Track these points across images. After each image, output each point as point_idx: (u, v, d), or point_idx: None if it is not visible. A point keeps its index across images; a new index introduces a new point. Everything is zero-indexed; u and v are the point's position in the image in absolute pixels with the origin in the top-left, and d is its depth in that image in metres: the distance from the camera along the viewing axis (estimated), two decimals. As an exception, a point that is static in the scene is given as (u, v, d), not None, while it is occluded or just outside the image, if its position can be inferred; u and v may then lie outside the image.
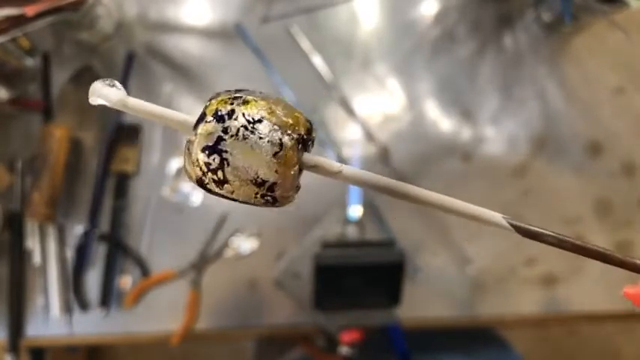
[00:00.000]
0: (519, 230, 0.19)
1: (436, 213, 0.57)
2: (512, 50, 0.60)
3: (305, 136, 0.19)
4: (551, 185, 0.59)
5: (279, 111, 0.18)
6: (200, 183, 0.19)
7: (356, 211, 0.55)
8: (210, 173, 0.18)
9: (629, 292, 0.18)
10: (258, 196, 0.19)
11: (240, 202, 0.19)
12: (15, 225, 0.54)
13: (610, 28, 0.60)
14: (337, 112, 0.58)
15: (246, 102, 0.18)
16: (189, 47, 0.58)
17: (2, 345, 0.54)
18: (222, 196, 0.19)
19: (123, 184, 0.55)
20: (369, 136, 0.58)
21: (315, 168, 0.19)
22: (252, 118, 0.18)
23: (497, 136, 0.59)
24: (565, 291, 0.58)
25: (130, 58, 0.57)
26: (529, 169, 0.59)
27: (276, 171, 0.18)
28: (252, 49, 0.58)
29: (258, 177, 0.18)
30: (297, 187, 0.20)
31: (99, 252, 0.55)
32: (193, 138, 0.18)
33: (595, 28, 0.61)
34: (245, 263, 0.56)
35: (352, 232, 0.55)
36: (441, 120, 0.59)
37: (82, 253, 0.54)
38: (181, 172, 0.56)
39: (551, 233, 0.19)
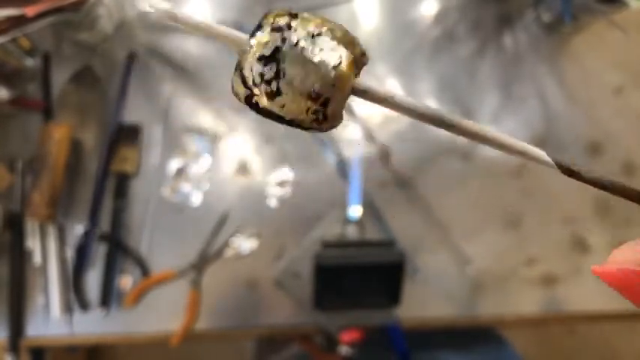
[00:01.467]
0: (562, 168, 0.18)
1: (436, 213, 0.57)
2: (512, 50, 0.60)
3: (360, 58, 0.18)
4: (550, 185, 0.59)
5: (336, 29, 0.18)
6: (248, 100, 0.18)
7: (356, 211, 0.55)
8: (263, 84, 0.18)
9: (597, 270, 0.18)
10: (310, 112, 0.18)
11: (287, 121, 0.18)
12: (15, 225, 0.54)
13: (609, 28, 0.60)
14: (337, 112, 0.58)
15: (304, 17, 0.18)
16: (189, 47, 0.58)
17: (2, 345, 0.54)
18: (269, 114, 0.18)
19: (123, 184, 0.55)
20: (370, 136, 0.58)
21: (365, 93, 0.19)
22: (312, 32, 0.17)
23: (497, 136, 0.59)
24: (565, 291, 0.58)
25: (131, 59, 0.57)
26: (529, 168, 0.59)
27: (333, 85, 0.17)
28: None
29: (314, 90, 0.17)
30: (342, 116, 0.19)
31: (99, 252, 0.55)
32: (247, 48, 0.18)
33: (594, 27, 0.61)
34: (245, 263, 0.56)
35: (352, 232, 0.55)
36: (441, 120, 0.59)
37: (83, 253, 0.54)
38: (181, 172, 0.57)
39: (594, 174, 0.18)
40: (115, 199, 0.55)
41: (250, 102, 0.18)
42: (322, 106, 0.18)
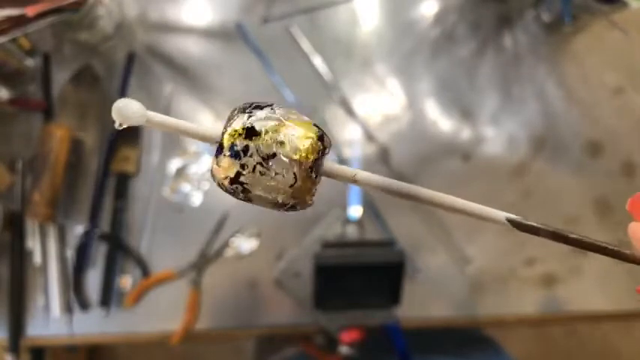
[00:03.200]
0: (518, 226, 0.20)
1: (436, 213, 0.57)
2: (512, 50, 0.60)
3: (319, 156, 0.20)
4: (550, 185, 0.59)
5: (290, 139, 0.20)
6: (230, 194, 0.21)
7: (356, 211, 0.55)
8: (234, 195, 0.21)
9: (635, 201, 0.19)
10: (281, 210, 0.21)
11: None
12: (15, 225, 0.54)
13: (609, 28, 0.60)
14: (337, 112, 0.58)
15: (258, 134, 0.20)
16: (189, 47, 0.58)
17: (2, 344, 0.54)
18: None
19: (123, 184, 0.55)
20: (369, 136, 0.58)
21: (331, 175, 0.21)
22: (266, 154, 0.19)
23: (497, 135, 0.59)
24: (564, 291, 0.58)
25: (131, 59, 0.57)
26: (529, 168, 0.59)
27: (293, 197, 0.20)
28: (252, 50, 0.58)
29: (277, 201, 0.20)
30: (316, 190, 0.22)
31: (99, 252, 0.55)
32: (215, 167, 0.20)
33: (594, 28, 0.61)
34: (245, 263, 0.56)
35: (352, 232, 0.55)
36: (441, 120, 0.59)
37: (83, 253, 0.54)
38: (181, 172, 0.57)
39: (546, 227, 0.20)
40: (115, 199, 0.55)
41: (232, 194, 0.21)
42: (291, 209, 0.21)
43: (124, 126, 0.20)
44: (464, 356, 0.61)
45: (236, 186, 0.20)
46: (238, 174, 0.20)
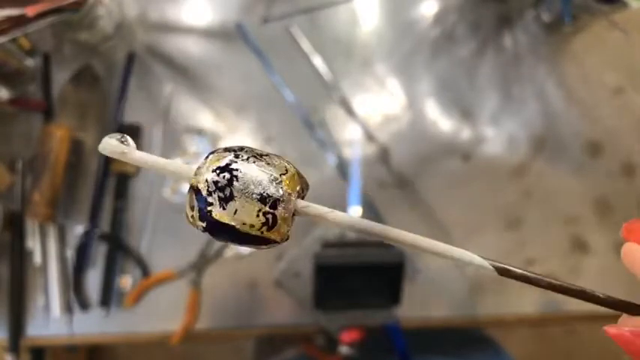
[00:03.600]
0: (499, 270, 0.20)
1: (435, 213, 0.57)
2: (512, 50, 0.60)
3: (295, 202, 0.20)
4: (550, 185, 0.59)
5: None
6: (202, 213, 0.20)
7: (356, 211, 0.55)
8: (217, 192, 0.19)
9: (611, 332, 0.19)
10: (260, 213, 0.20)
11: (237, 235, 0.20)
12: (15, 225, 0.54)
13: (609, 28, 0.60)
14: (337, 112, 0.58)
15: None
16: (189, 47, 0.58)
17: (2, 344, 0.54)
18: (221, 227, 0.20)
19: (123, 184, 0.55)
20: (369, 136, 0.58)
21: (307, 214, 0.21)
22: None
23: (497, 136, 0.59)
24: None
25: (131, 59, 0.57)
26: (529, 168, 0.59)
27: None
28: (252, 50, 0.58)
29: (262, 193, 0.19)
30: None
31: (99, 252, 0.55)
32: (198, 171, 0.20)
33: (594, 28, 0.61)
34: (245, 263, 0.56)
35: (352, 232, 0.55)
36: (441, 120, 0.59)
37: (83, 253, 0.54)
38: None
39: (526, 273, 0.20)
40: (115, 199, 0.55)
41: (205, 215, 0.20)
42: (272, 206, 0.19)
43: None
44: (463, 356, 0.61)
45: (224, 175, 0.19)
46: (230, 163, 0.19)
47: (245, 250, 0.56)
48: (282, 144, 0.57)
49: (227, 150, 0.20)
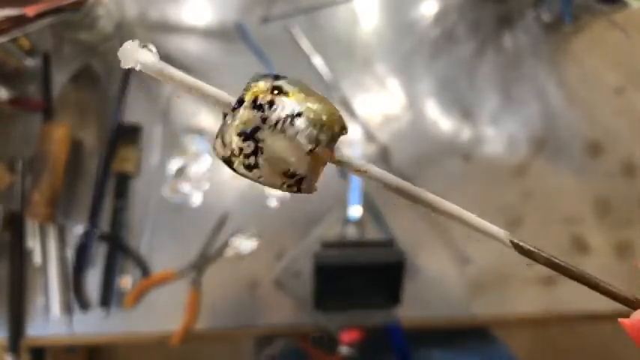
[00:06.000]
0: (518, 248, 0.20)
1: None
2: (512, 50, 0.60)
3: (338, 133, 0.19)
4: (551, 185, 0.59)
5: (316, 106, 0.18)
6: (227, 162, 0.19)
7: (356, 211, 0.55)
8: (241, 157, 0.18)
9: (625, 323, 0.19)
10: (285, 185, 0.19)
11: (262, 184, 0.19)
12: (15, 225, 0.54)
13: (610, 28, 0.60)
14: (337, 112, 0.58)
15: (285, 93, 0.18)
16: (189, 47, 0.58)
17: (2, 345, 0.54)
18: (246, 177, 0.19)
19: (123, 184, 0.55)
20: (370, 135, 0.58)
21: (342, 164, 0.20)
22: (292, 112, 0.18)
23: (497, 136, 0.59)
24: (564, 291, 0.58)
25: (130, 58, 0.57)
26: (529, 168, 0.59)
27: (308, 165, 0.19)
28: (252, 49, 0.58)
29: (289, 170, 0.18)
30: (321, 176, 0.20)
31: (99, 252, 0.55)
32: (230, 121, 0.19)
33: (595, 28, 0.61)
34: (245, 263, 0.56)
35: (352, 232, 0.55)
36: (441, 120, 0.59)
37: (83, 253, 0.54)
38: (181, 172, 0.57)
39: (545, 254, 0.20)
40: (115, 199, 0.55)
41: (229, 164, 0.19)
42: (297, 183, 0.19)
43: (127, 67, 0.18)
44: (459, 347, 0.61)
45: (249, 143, 0.18)
46: (256, 129, 0.18)
47: (245, 249, 0.56)
48: (282, 144, 0.57)
49: (262, 92, 0.19)
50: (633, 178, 0.60)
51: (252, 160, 0.18)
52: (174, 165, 0.57)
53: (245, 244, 0.56)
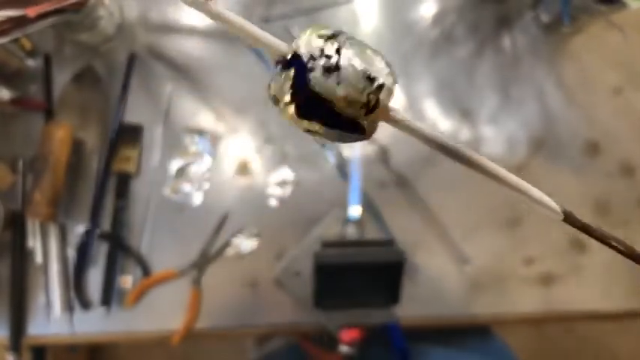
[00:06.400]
0: (569, 220, 0.20)
1: (435, 213, 0.57)
2: (511, 51, 0.61)
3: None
4: (549, 185, 0.59)
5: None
6: (298, 82, 0.18)
7: (356, 210, 0.55)
8: (323, 58, 0.18)
9: None
10: (365, 92, 0.18)
11: (329, 114, 0.18)
12: (16, 224, 0.54)
13: (608, 29, 0.60)
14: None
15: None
16: (189, 48, 0.59)
17: (3, 344, 0.54)
18: (316, 100, 0.18)
19: (124, 183, 0.56)
20: (369, 136, 0.58)
21: (394, 119, 0.20)
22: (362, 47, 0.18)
23: (496, 136, 0.59)
24: (563, 290, 0.58)
25: (132, 59, 0.57)
26: (528, 168, 0.59)
27: (387, 76, 0.18)
28: (252, 50, 0.58)
29: (370, 74, 0.18)
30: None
31: (100, 251, 0.55)
32: (304, 36, 0.18)
33: (593, 28, 0.61)
34: (246, 262, 0.56)
35: (352, 232, 0.55)
36: (440, 120, 0.59)
37: (84, 252, 0.55)
38: (182, 172, 0.57)
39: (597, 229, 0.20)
40: (116, 198, 0.55)
41: (301, 85, 0.18)
42: (377, 90, 0.18)
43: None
44: (458, 346, 0.61)
45: (332, 42, 0.18)
46: (336, 34, 0.18)
47: (245, 249, 0.56)
48: (282, 144, 0.58)
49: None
50: (632, 178, 0.60)
51: (334, 60, 0.17)
52: (174, 165, 0.57)
53: (245, 243, 0.56)
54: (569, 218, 0.20)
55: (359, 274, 0.51)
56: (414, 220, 0.57)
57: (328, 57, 0.18)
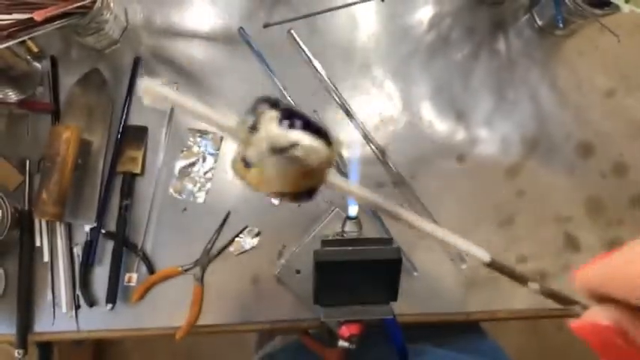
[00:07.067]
0: (494, 265, 0.22)
1: (431, 212, 0.59)
2: (506, 54, 0.62)
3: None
4: (543, 185, 0.60)
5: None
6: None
7: (354, 209, 0.56)
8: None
9: (574, 326, 0.20)
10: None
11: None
12: (24, 223, 0.55)
13: (601, 32, 0.61)
14: (336, 114, 0.60)
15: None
16: (193, 52, 0.60)
17: (11, 340, 0.55)
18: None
19: (129, 183, 0.57)
20: (367, 137, 0.60)
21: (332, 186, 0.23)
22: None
23: (490, 137, 0.61)
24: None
25: (136, 62, 0.58)
26: (522, 169, 0.60)
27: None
28: (254, 54, 0.59)
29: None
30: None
31: (106, 249, 0.56)
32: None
33: (587, 31, 0.62)
34: (247, 260, 0.57)
35: (351, 230, 0.56)
36: (437, 122, 0.61)
37: (89, 250, 0.56)
38: (186, 172, 0.58)
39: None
40: (121, 198, 0.57)
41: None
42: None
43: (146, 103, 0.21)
44: (449, 342, 0.62)
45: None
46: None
47: (248, 247, 0.57)
48: (282, 145, 0.59)
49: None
50: (624, 178, 0.61)
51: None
52: (178, 165, 0.58)
53: (247, 241, 0.57)
54: (494, 264, 0.23)
55: (358, 272, 0.52)
56: (411, 219, 0.58)
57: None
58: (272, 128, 0.21)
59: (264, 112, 0.22)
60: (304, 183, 0.21)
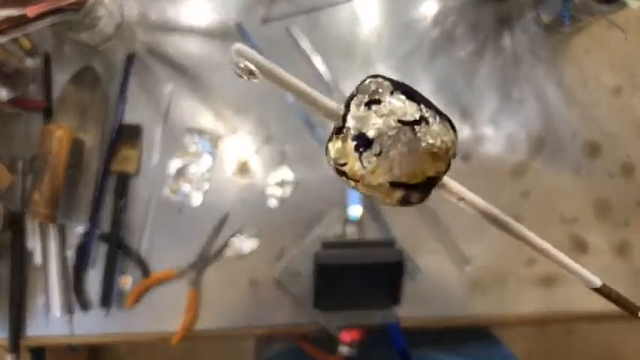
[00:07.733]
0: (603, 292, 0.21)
1: (435, 213, 0.57)
2: (511, 51, 0.61)
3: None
4: (549, 185, 0.59)
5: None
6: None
7: (356, 211, 0.55)
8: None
9: None
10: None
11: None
12: (16, 225, 0.54)
13: (609, 29, 0.60)
14: (337, 112, 0.58)
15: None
16: (189, 47, 0.58)
17: (3, 345, 0.54)
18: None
19: (123, 184, 0.56)
20: (369, 136, 0.58)
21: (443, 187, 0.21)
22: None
23: (496, 136, 0.59)
24: (564, 291, 0.58)
25: (131, 59, 0.57)
26: (528, 169, 0.59)
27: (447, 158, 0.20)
28: (253, 46, 0.58)
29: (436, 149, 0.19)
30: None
31: (99, 252, 0.55)
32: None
33: (594, 28, 0.61)
34: (245, 263, 0.56)
35: (352, 232, 0.55)
36: (441, 120, 0.59)
37: (83, 253, 0.55)
38: (182, 172, 0.57)
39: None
40: (115, 199, 0.55)
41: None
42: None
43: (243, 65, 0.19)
44: (462, 348, 0.61)
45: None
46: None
47: (245, 249, 0.56)
48: (282, 144, 0.57)
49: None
50: (631, 178, 0.60)
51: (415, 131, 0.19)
52: (174, 165, 0.57)
53: (245, 244, 0.56)
54: (603, 289, 0.21)
55: (359, 275, 0.51)
56: (414, 220, 0.57)
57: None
58: (395, 101, 0.18)
59: (381, 82, 0.19)
60: (429, 167, 0.18)
